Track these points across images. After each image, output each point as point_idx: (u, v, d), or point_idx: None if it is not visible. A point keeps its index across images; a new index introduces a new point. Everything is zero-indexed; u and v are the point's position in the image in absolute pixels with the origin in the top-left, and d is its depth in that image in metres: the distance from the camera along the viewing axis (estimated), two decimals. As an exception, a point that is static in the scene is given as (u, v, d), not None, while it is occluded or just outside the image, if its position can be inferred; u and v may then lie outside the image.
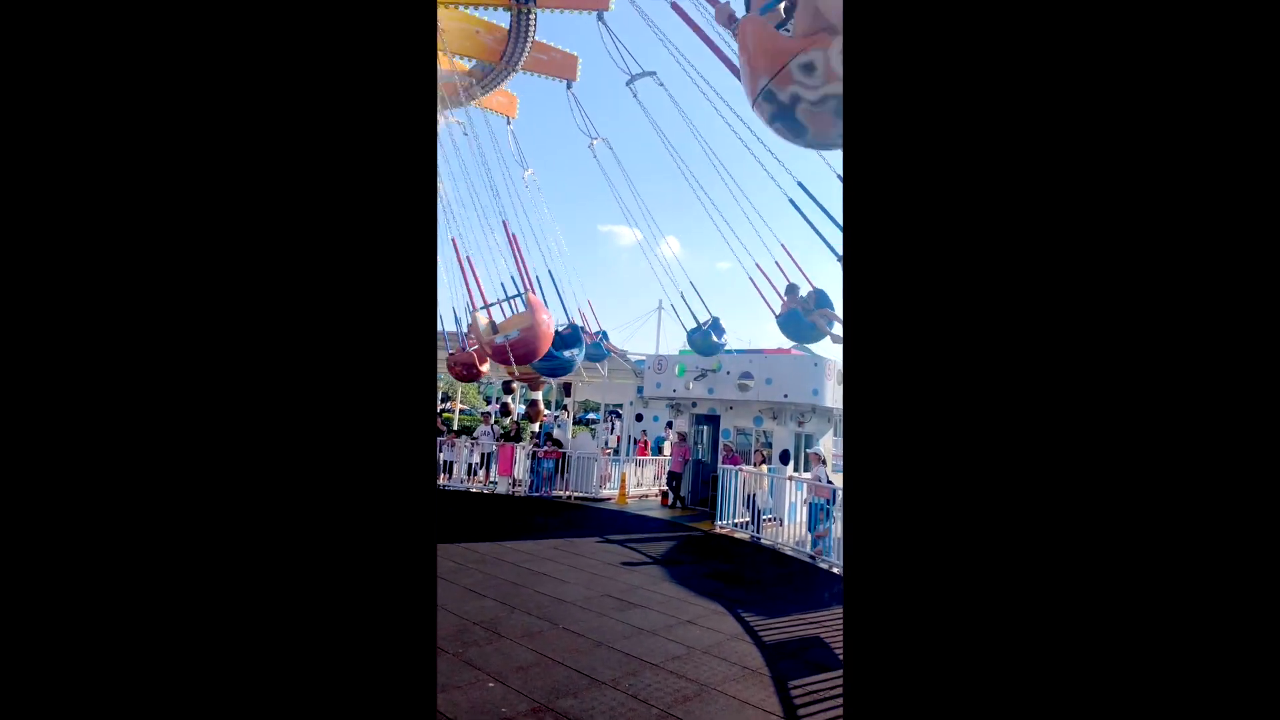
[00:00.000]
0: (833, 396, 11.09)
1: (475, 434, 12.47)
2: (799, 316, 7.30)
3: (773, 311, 7.96)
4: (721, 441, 11.17)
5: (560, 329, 10.68)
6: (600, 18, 8.90)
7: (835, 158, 6.21)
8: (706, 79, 7.48)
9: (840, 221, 6.06)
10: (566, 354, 10.61)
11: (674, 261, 29.32)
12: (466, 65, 9.78)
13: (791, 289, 7.58)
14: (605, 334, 12.80)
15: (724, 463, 9.50)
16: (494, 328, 9.92)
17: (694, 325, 11.29)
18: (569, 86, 11.00)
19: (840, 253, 5.81)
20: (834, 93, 3.55)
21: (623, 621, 4.96)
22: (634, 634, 4.69)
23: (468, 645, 4.27)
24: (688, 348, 11.93)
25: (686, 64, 7.25)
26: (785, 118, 3.89)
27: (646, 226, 32.37)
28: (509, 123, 12.24)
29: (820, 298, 7.40)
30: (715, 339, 11.12)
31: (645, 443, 13.64)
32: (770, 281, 8.67)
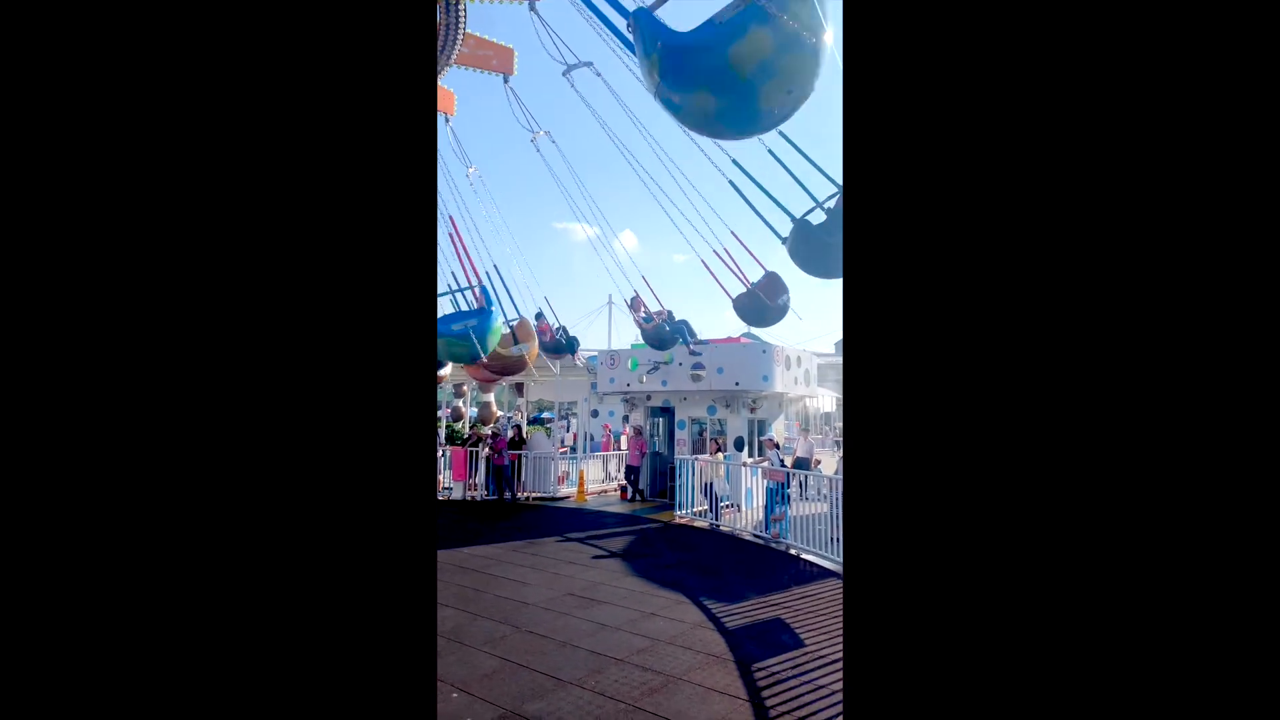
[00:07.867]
0: (782, 381, 11.30)
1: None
2: (757, 299, 8.08)
3: (729, 295, 8.52)
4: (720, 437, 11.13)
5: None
6: (532, 6, 8.55)
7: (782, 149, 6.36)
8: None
9: (780, 202, 6.42)
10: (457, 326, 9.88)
11: (625, 255, 29.17)
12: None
13: (751, 291, 8.40)
14: (565, 329, 12.41)
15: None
16: (514, 338, 10.16)
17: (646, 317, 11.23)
18: (506, 81, 10.72)
19: (782, 235, 6.18)
20: None
21: (586, 619, 4.96)
22: (598, 631, 4.69)
23: (429, 657, 4.17)
24: (640, 342, 11.90)
25: (622, 52, 7.09)
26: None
27: (599, 220, 31.71)
28: (447, 120, 11.84)
29: (774, 280, 8.23)
30: (668, 331, 11.09)
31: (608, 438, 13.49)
32: (728, 265, 8.69)
